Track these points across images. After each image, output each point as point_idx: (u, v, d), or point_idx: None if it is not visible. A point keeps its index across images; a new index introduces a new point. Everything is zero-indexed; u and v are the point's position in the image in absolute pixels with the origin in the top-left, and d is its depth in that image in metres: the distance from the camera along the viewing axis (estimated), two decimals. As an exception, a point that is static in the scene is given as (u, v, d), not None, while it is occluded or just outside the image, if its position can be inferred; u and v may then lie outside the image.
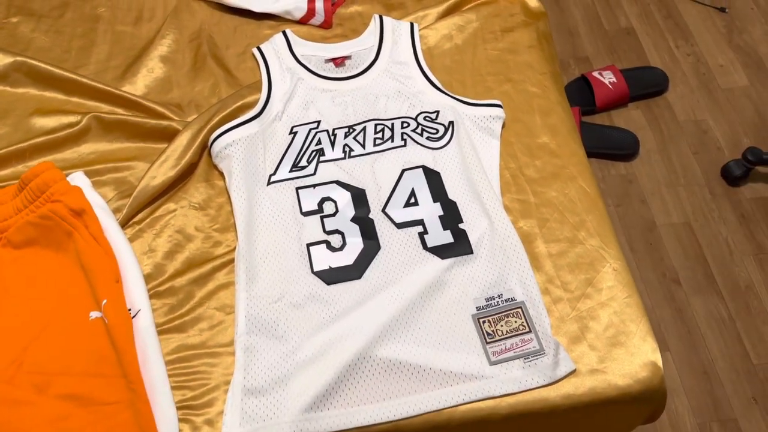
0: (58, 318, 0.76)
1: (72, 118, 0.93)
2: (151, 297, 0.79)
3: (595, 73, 1.55)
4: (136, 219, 0.86)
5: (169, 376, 0.74)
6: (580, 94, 1.56)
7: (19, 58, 0.97)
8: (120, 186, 0.89)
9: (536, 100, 1.00)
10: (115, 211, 0.85)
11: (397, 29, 1.06)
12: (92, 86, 0.95)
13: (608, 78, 1.54)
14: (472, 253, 0.84)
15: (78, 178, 0.86)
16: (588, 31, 1.72)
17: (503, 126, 0.97)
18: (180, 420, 0.71)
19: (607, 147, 1.47)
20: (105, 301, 0.75)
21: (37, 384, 0.72)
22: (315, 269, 0.82)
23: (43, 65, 0.96)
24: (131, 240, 0.84)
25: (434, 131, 0.95)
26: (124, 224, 0.85)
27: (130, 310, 0.77)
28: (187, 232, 0.85)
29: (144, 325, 0.76)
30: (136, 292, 0.78)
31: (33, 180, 0.81)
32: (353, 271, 0.82)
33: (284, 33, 1.04)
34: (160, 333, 0.77)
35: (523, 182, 0.92)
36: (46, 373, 0.73)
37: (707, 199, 1.43)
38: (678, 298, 1.29)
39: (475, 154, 0.92)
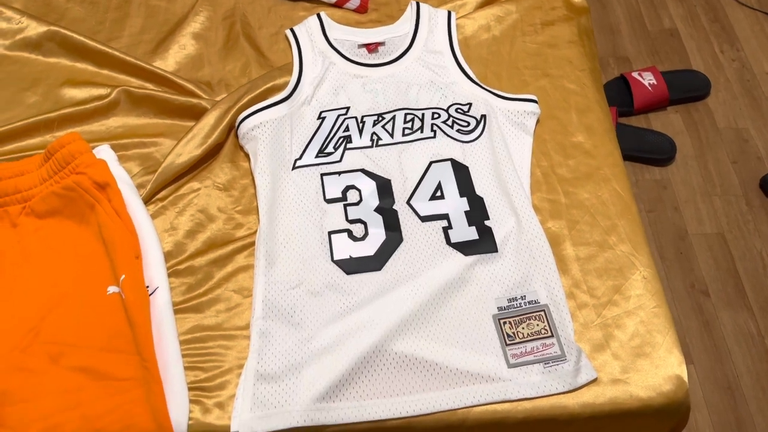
0: (76, 290, 0.76)
1: (102, 91, 0.93)
2: (169, 275, 0.79)
3: (635, 74, 1.51)
4: (160, 196, 0.85)
5: (183, 356, 0.73)
6: (619, 95, 1.52)
7: (53, 28, 0.96)
8: (145, 161, 0.88)
9: (573, 97, 0.97)
10: (139, 186, 0.85)
11: (433, 17, 1.03)
12: (123, 60, 0.95)
13: (648, 79, 1.49)
14: (496, 251, 0.81)
15: (104, 152, 0.86)
16: (630, 31, 1.67)
17: (538, 122, 0.94)
18: (191, 401, 0.71)
19: (643, 150, 1.43)
20: (123, 276, 0.75)
21: (52, 354, 0.72)
22: (335, 258, 0.81)
23: (76, 36, 0.96)
24: (153, 217, 0.83)
25: (465, 124, 0.92)
26: (147, 200, 0.84)
27: (148, 287, 0.76)
28: (209, 212, 0.84)
29: (161, 303, 0.75)
30: (155, 270, 0.78)
31: (59, 150, 0.81)
32: (374, 262, 0.81)
33: (318, 15, 1.02)
34: (176, 312, 0.76)
35: (555, 181, 0.89)
36: (61, 343, 0.73)
37: (743, 210, 1.38)
38: (706, 311, 1.25)
39: (506, 150, 0.90)
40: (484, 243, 0.82)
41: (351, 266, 0.80)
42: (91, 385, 0.70)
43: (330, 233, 0.83)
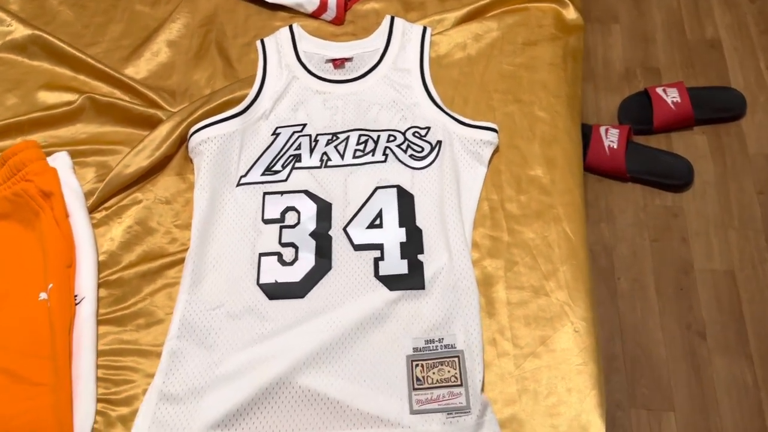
0: (12, 293, 0.80)
1: (72, 96, 0.96)
2: (100, 286, 0.81)
3: (659, 89, 1.40)
4: (106, 205, 0.88)
5: (99, 367, 0.76)
6: (639, 110, 1.42)
7: (36, 32, 1.01)
8: (101, 169, 0.91)
9: (541, 126, 0.92)
10: (90, 193, 0.88)
11: (407, 33, 0.99)
12: (96, 66, 0.98)
13: (672, 96, 1.38)
14: (423, 288, 0.79)
15: (60, 158, 0.89)
16: (666, 39, 1.55)
17: (496, 152, 0.90)
18: (97, 412, 0.73)
19: (656, 174, 1.33)
20: (51, 285, 0.78)
21: (-20, 354, 0.77)
22: (261, 281, 0.81)
23: (56, 41, 0.99)
24: (96, 226, 0.86)
25: (419, 149, 0.89)
26: (93, 209, 0.87)
27: (76, 296, 0.80)
28: (148, 224, 0.86)
29: (85, 314, 0.78)
30: (85, 280, 0.80)
31: (12, 157, 0.85)
32: (298, 289, 0.80)
33: (290, 27, 1.01)
34: (99, 323, 0.79)
35: (501, 217, 0.85)
36: (-7, 344, 0.77)
37: (761, 247, 1.26)
38: (699, 354, 1.17)
39: (455, 180, 0.86)
40: (412, 278, 0.79)
41: (275, 291, 0.80)
42: (9, 387, 0.74)
43: (261, 255, 0.83)
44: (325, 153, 0.90)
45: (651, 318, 1.21)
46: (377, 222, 0.84)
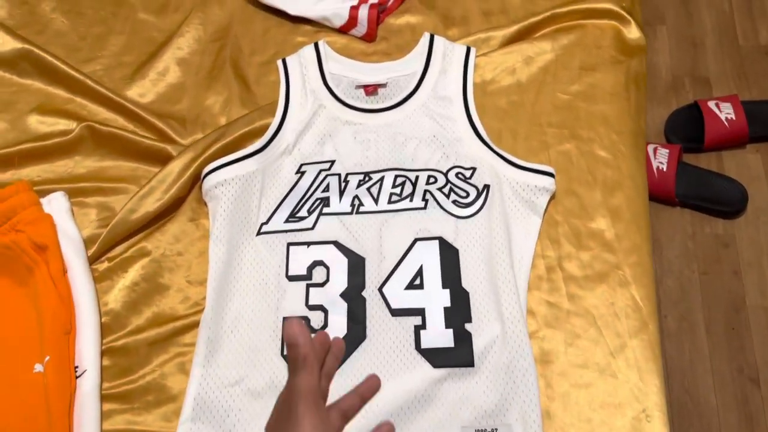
0: (4, 363, 0.71)
1: (68, 123, 0.85)
2: (104, 354, 0.72)
3: (711, 103, 1.28)
4: (109, 255, 0.77)
5: (103, 452, 0.67)
6: (688, 126, 1.30)
7: (27, 46, 0.89)
8: (103, 211, 0.80)
9: (603, 169, 0.81)
10: (90, 241, 0.77)
11: (448, 54, 0.88)
12: (95, 89, 0.86)
13: (726, 112, 1.26)
14: (473, 365, 0.69)
15: (56, 200, 0.78)
16: (717, 45, 1.42)
17: (552, 199, 0.79)
18: None
19: (706, 199, 1.22)
20: (48, 357, 0.68)
21: (-34, 433, 0.67)
22: (286, 351, 0.71)
23: (49, 58, 0.88)
24: (98, 280, 0.76)
25: (464, 194, 0.78)
26: (94, 260, 0.77)
27: (77, 367, 0.70)
28: (157, 280, 0.76)
29: (87, 390, 0.69)
30: (86, 348, 0.71)
31: (1, 203, 0.74)
32: (328, 362, 0.70)
33: (316, 45, 0.89)
34: (103, 399, 0.69)
35: (560, 279, 0.74)
36: (-23, 422, 0.68)
37: (821, 283, 1.16)
38: (752, 402, 1.08)
39: (505, 232, 0.76)
40: (459, 353, 0.69)
41: (302, 364, 0.70)
42: (0, 478, 0.65)
43: (285, 319, 0.72)
44: (356, 196, 0.79)
45: (700, 361, 1.11)
46: (417, 282, 0.74)
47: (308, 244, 0.77)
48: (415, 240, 0.76)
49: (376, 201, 0.79)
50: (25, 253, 0.73)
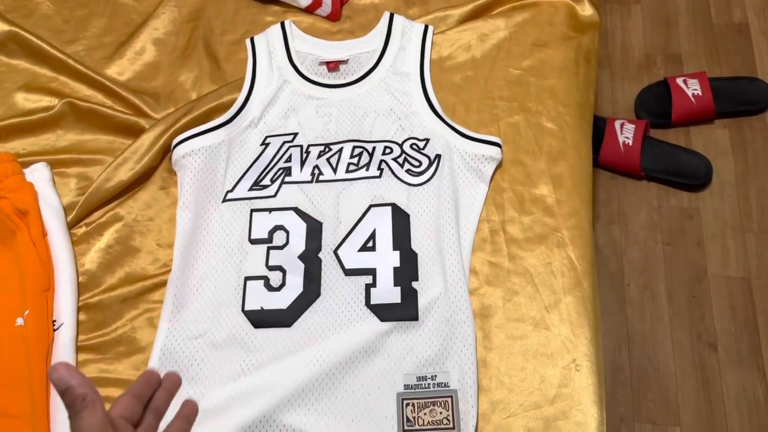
0: (-11, 317, 0.77)
1: (52, 100, 0.91)
2: (80, 309, 0.78)
3: (680, 80, 1.32)
4: (86, 221, 0.84)
5: (77, 397, 0.73)
6: (658, 102, 1.34)
7: (14, 29, 0.95)
8: (82, 180, 0.87)
9: (548, 139, 0.85)
10: (70, 207, 0.83)
11: (407, 32, 0.92)
12: (76, 68, 0.92)
13: (692, 88, 1.30)
14: (416, 319, 0.74)
15: (38, 170, 0.85)
16: (690, 23, 1.45)
17: (499, 167, 0.84)
18: (75, 446, 0.71)
19: (672, 172, 1.26)
20: (27, 311, 0.75)
21: (-44, 381, 0.74)
22: (246, 308, 0.77)
23: (35, 40, 0.94)
24: (76, 243, 0.82)
25: (417, 163, 0.84)
26: (72, 225, 0.83)
27: (54, 321, 0.76)
28: (129, 243, 0.82)
29: (64, 342, 0.75)
30: (64, 304, 0.77)
31: (-14, 172, 0.81)
32: (285, 317, 0.76)
33: (282, 24, 0.94)
34: (79, 350, 0.76)
35: (502, 241, 0.79)
36: (-33, 372, 0.75)
37: (781, 253, 1.20)
38: (709, 367, 1.12)
39: (453, 199, 0.81)
40: (405, 308, 0.75)
41: (260, 319, 0.76)
42: (-13, 419, 0.72)
43: (246, 279, 0.78)
44: (316, 166, 0.85)
45: (660, 327, 1.16)
46: (370, 244, 0.80)
47: (270, 210, 0.82)
48: (370, 206, 0.82)
49: (334, 170, 0.84)
50: (8, 218, 0.79)
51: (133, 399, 0.46)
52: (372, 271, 0.78)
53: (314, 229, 0.81)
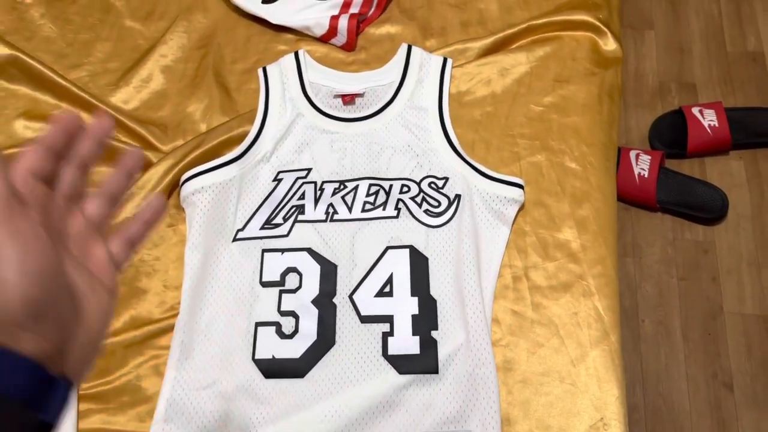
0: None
1: (54, 129, 0.87)
2: (81, 355, 0.74)
3: (695, 110, 1.29)
4: (90, 259, 0.80)
5: (78, 451, 0.69)
6: (672, 132, 1.32)
7: (14, 53, 0.91)
8: (85, 215, 0.83)
9: (572, 180, 0.82)
10: (72, 245, 0.80)
11: (425, 65, 0.89)
12: (80, 96, 0.88)
13: (709, 119, 1.28)
14: (437, 372, 0.71)
15: (39, 204, 0.81)
16: (703, 51, 1.43)
17: (521, 209, 0.81)
18: (75, 505, 0.67)
19: (687, 205, 1.24)
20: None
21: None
22: (257, 356, 0.73)
23: (36, 64, 0.90)
24: (78, 283, 0.78)
25: (436, 204, 0.80)
26: (75, 263, 0.79)
27: (55, 368, 0.72)
28: (134, 285, 0.78)
29: (64, 390, 0.71)
30: (65, 349, 0.73)
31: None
32: (297, 367, 0.72)
33: (296, 54, 0.90)
34: (80, 399, 0.72)
35: (525, 288, 0.76)
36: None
37: (798, 291, 1.18)
38: (725, 409, 1.10)
39: (474, 242, 0.77)
40: (424, 359, 0.72)
41: (271, 368, 0.72)
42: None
43: (257, 324, 0.75)
44: (331, 204, 0.81)
45: (675, 366, 1.13)
46: (387, 289, 0.76)
47: (282, 250, 0.79)
48: (387, 248, 0.78)
49: (350, 209, 0.81)
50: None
51: (44, 150, 0.35)
52: (389, 319, 0.75)
53: (329, 271, 0.77)
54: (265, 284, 0.77)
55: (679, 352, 1.14)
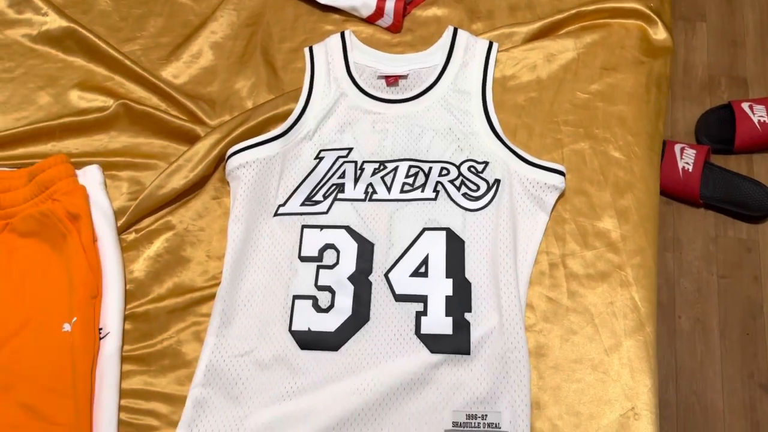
0: (37, 320, 0.76)
1: (106, 100, 0.90)
2: (126, 318, 0.77)
3: (745, 105, 1.26)
4: (137, 227, 0.83)
5: (121, 409, 0.72)
6: (720, 127, 1.28)
7: (72, 25, 0.94)
8: (134, 185, 0.85)
9: (615, 169, 0.82)
10: (120, 212, 0.83)
11: (471, 48, 0.89)
12: (132, 69, 0.91)
13: (759, 115, 1.24)
14: (468, 353, 0.72)
15: (91, 173, 0.84)
16: (758, 44, 1.39)
17: (561, 196, 0.80)
18: (117, 459, 0.70)
19: (732, 201, 1.21)
20: (75, 318, 0.74)
21: (4, 384, 0.74)
22: (293, 327, 0.75)
23: (91, 36, 0.93)
24: (125, 250, 0.81)
25: (475, 187, 0.81)
26: (122, 230, 0.82)
27: (101, 329, 0.76)
28: (179, 253, 0.81)
29: (109, 351, 0.74)
30: (111, 313, 0.76)
31: (40, 173, 0.80)
32: (332, 340, 0.74)
33: (342, 34, 0.91)
34: (123, 360, 0.75)
35: (562, 276, 0.76)
36: (14, 374, 0.74)
37: (844, 295, 1.15)
38: (761, 410, 1.08)
39: (512, 227, 0.78)
40: (456, 340, 0.72)
41: (307, 340, 0.74)
42: (30, 425, 0.72)
43: (295, 297, 0.77)
44: (370, 184, 0.82)
45: (711, 364, 1.12)
46: (422, 269, 0.77)
47: (321, 227, 0.80)
48: (424, 229, 0.79)
49: (389, 189, 0.82)
50: (60, 222, 0.78)
51: None
52: (423, 299, 0.75)
53: (365, 250, 0.79)
54: (303, 259, 0.79)
55: (716, 351, 1.12)
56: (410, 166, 0.83)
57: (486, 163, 0.82)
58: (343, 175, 0.83)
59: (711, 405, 1.09)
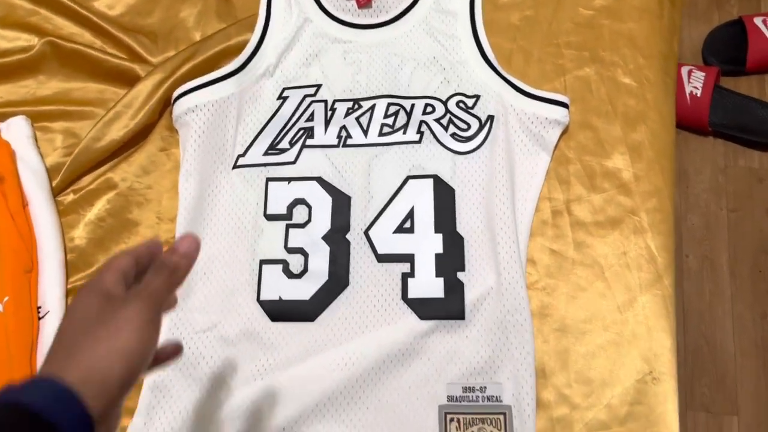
0: (-39, 302, 0.67)
1: (30, 38, 0.77)
2: (69, 293, 0.67)
3: (758, 20, 1.14)
4: (75, 186, 0.71)
5: (68, 397, 0.63)
6: (729, 45, 1.17)
7: (-16, -51, 0.79)
8: (69, 137, 0.74)
9: (625, 97, 0.71)
10: (55, 169, 0.71)
11: (455, -40, 0.76)
12: (60, 0, 0.77)
13: (774, 30, 1.12)
14: (462, 318, 0.63)
15: (17, 126, 0.72)
16: (771, -50, 1.25)
17: (564, 132, 0.70)
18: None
19: (742, 127, 1.11)
20: (7, 297, 0.64)
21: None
22: (262, 297, 0.65)
23: (7, -38, 0.78)
24: (63, 214, 0.70)
25: (465, 126, 0.70)
26: (58, 192, 0.71)
27: (40, 308, 0.66)
28: (124, 216, 0.70)
29: (51, 331, 0.64)
30: (50, 288, 0.66)
31: (-46, 130, 0.68)
32: (307, 309, 0.65)
33: (303, -52, 0.78)
34: (68, 342, 0.65)
35: (567, 225, 0.66)
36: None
37: None
38: (773, 350, 1.01)
39: (508, 170, 0.67)
40: (448, 304, 0.63)
41: (278, 311, 0.65)
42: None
43: (262, 262, 0.67)
44: (344, 127, 0.71)
45: (720, 303, 1.04)
46: (407, 225, 0.67)
47: (289, 179, 0.69)
48: (408, 178, 0.69)
49: (365, 132, 0.71)
50: (-19, 185, 0.67)
51: (132, 260, 0.42)
52: (410, 258, 0.66)
53: (341, 204, 0.68)
54: (269, 217, 0.68)
55: (725, 290, 1.05)
56: (389, 104, 0.71)
57: (477, 97, 0.71)
58: (311, 118, 0.72)
59: (721, 346, 1.02)
